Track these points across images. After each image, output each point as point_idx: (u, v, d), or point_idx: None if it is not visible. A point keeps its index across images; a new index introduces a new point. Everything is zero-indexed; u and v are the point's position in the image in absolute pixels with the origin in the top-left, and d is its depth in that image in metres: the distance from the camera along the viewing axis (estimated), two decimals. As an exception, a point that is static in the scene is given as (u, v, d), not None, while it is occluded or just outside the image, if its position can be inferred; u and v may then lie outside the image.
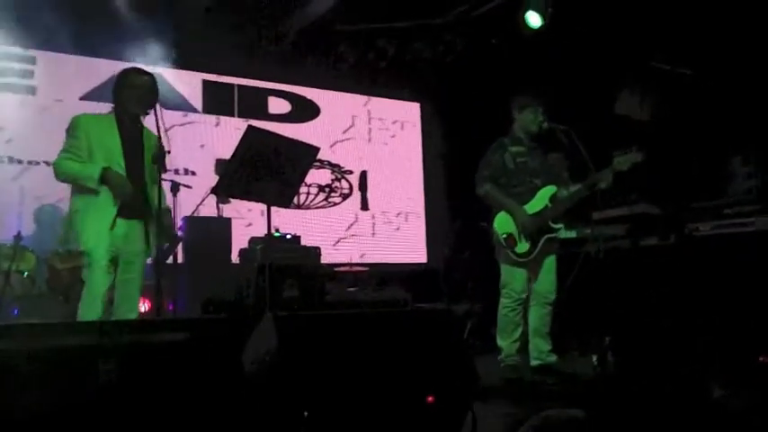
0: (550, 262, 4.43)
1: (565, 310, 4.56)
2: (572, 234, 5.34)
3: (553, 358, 4.41)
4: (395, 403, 2.76)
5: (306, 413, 2.53)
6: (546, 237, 4.34)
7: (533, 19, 6.65)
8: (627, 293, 4.95)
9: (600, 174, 4.25)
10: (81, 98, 6.58)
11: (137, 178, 3.71)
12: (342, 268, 6.84)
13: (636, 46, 6.56)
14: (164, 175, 3.81)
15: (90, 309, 3.51)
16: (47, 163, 6.37)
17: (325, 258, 6.42)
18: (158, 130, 3.59)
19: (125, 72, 3.79)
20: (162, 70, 6.87)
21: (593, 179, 4.26)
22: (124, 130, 3.74)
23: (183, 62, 7.11)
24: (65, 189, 5.13)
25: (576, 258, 5.23)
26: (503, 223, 4.41)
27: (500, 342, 4.44)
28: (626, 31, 6.44)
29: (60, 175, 3.67)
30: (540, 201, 4.39)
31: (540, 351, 4.40)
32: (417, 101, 9.14)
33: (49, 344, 2.30)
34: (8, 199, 6.21)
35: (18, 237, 5.00)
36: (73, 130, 3.67)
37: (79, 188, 3.66)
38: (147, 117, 3.79)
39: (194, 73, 7.55)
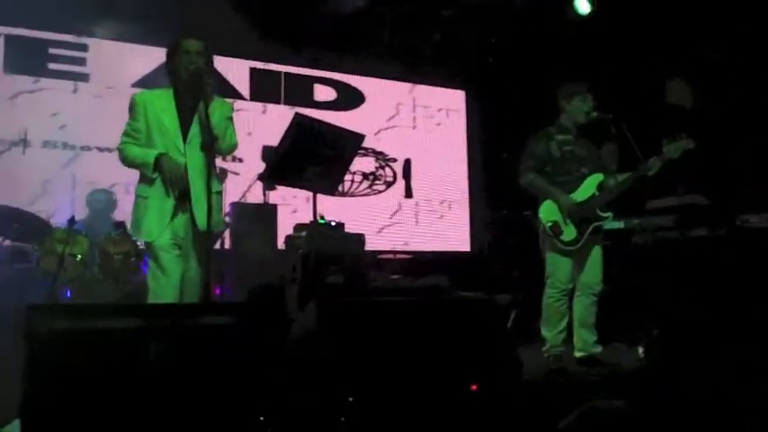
0: (597, 252, 4.36)
1: (611, 301, 4.50)
2: (619, 225, 5.28)
3: (598, 349, 4.37)
4: (438, 390, 2.77)
5: (350, 399, 2.56)
6: (593, 225, 4.29)
7: (582, 5, 6.57)
8: (675, 285, 4.87)
9: (649, 163, 4.18)
10: (133, 85, 6.71)
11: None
12: (385, 256, 6.87)
13: (686, 33, 6.42)
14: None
15: (164, 298, 3.43)
16: (99, 149, 6.54)
17: (369, 246, 6.45)
18: (207, 119, 3.38)
19: (177, 41, 3.58)
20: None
21: (643, 169, 4.19)
22: (182, 106, 3.56)
23: (230, 50, 7.19)
24: (117, 175, 5.26)
25: (623, 249, 5.18)
26: (548, 212, 4.36)
27: (544, 332, 4.40)
28: (676, 18, 6.30)
29: (123, 161, 3.56)
30: (587, 189, 4.33)
31: (585, 342, 4.36)
32: (463, 88, 9.09)
33: (103, 325, 2.37)
34: (62, 184, 6.38)
35: (71, 221, 5.11)
36: (132, 110, 3.54)
37: (142, 174, 3.54)
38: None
39: (241, 61, 7.63)
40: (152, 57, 6.56)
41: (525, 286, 5.60)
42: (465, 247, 8.77)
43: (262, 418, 2.49)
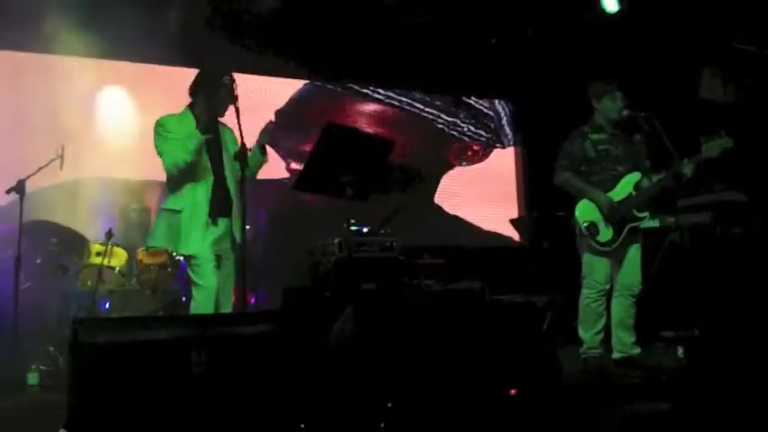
0: (635, 252, 4.30)
1: (648, 301, 4.44)
2: (654, 223, 5.20)
3: (637, 350, 4.31)
4: (477, 396, 2.76)
5: (389, 404, 2.56)
6: (630, 225, 4.23)
7: (609, 3, 6.51)
8: (712, 283, 4.79)
9: (689, 161, 4.11)
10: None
11: (219, 175, 3.79)
12: (419, 261, 6.84)
13: (717, 27, 6.33)
14: None
15: (204, 306, 3.61)
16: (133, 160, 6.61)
17: (401, 250, 6.45)
18: (239, 129, 3.56)
19: (217, 75, 3.81)
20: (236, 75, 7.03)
21: (680, 167, 4.12)
22: (203, 127, 3.76)
23: (254, 66, 7.23)
24: (150, 187, 5.31)
25: (659, 247, 5.11)
26: (585, 211, 4.31)
27: (582, 334, 4.36)
28: (707, 12, 6.22)
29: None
30: (623, 188, 4.28)
31: (624, 344, 4.30)
32: (494, 93, 9.01)
33: (144, 337, 2.41)
34: (99, 197, 6.46)
35: (109, 234, 5.17)
36: (161, 129, 3.74)
37: (174, 188, 3.75)
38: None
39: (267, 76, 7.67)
40: (177, 74, 6.66)
41: (561, 287, 5.55)
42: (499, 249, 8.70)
43: (303, 425, 2.50)
